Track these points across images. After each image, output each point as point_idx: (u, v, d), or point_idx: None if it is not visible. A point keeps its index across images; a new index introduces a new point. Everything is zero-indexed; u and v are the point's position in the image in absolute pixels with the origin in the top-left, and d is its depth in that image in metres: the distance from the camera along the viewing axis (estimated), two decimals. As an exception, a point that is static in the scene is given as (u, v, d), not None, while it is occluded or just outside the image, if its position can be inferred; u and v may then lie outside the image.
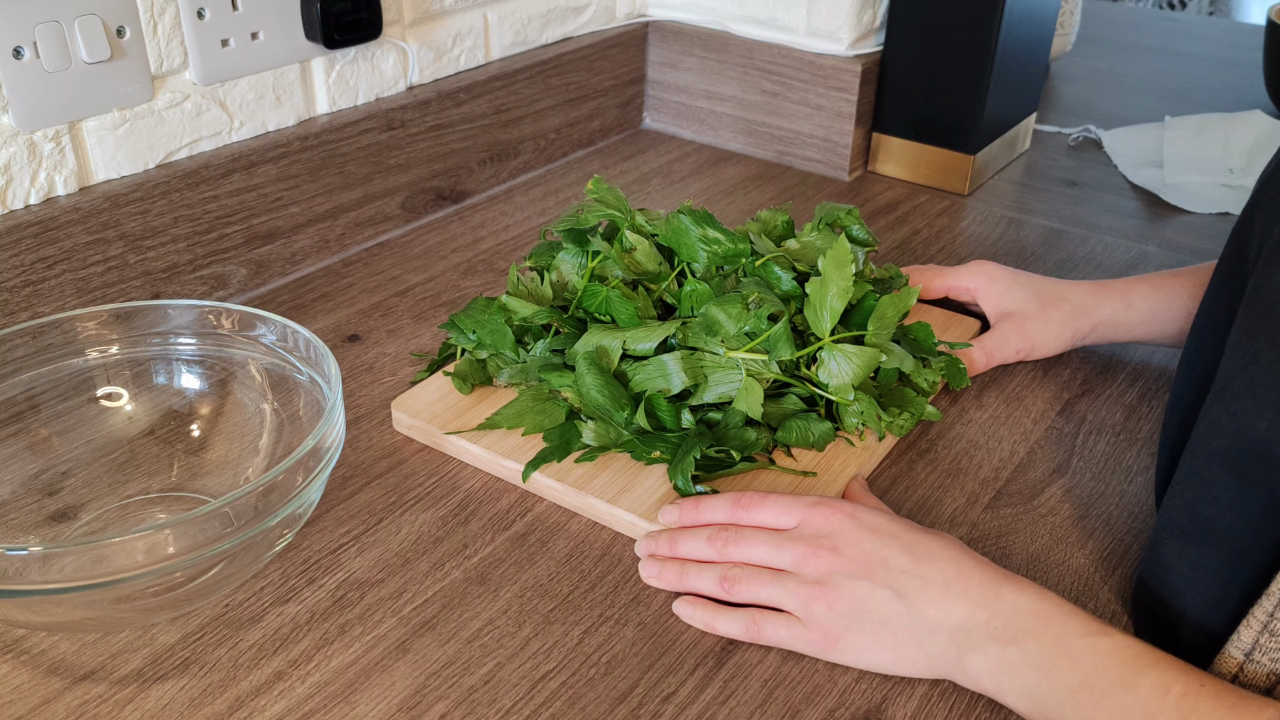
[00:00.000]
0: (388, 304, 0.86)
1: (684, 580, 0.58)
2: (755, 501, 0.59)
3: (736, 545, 0.58)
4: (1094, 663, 0.48)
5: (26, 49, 0.69)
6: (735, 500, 0.59)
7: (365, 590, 0.59)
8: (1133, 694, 0.47)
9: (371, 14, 0.87)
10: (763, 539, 0.57)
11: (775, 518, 0.58)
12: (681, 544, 0.59)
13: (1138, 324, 0.76)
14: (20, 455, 0.62)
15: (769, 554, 0.57)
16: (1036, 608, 0.51)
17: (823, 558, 0.55)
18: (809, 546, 0.55)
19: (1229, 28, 1.71)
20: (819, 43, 1.09)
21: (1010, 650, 0.50)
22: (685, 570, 0.58)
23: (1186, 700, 0.46)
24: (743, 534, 0.58)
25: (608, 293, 0.71)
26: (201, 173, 0.80)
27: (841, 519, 0.56)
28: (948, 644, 0.52)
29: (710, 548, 0.58)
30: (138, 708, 0.52)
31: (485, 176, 1.04)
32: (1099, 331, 0.77)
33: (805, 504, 0.58)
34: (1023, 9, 1.03)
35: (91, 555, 0.50)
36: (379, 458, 0.69)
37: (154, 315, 0.65)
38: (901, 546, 0.54)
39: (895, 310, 0.69)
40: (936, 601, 0.52)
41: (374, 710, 0.52)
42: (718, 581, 0.57)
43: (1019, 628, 0.50)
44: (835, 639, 0.54)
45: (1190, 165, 1.13)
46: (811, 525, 0.57)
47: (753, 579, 0.56)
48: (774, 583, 0.56)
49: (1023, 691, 0.50)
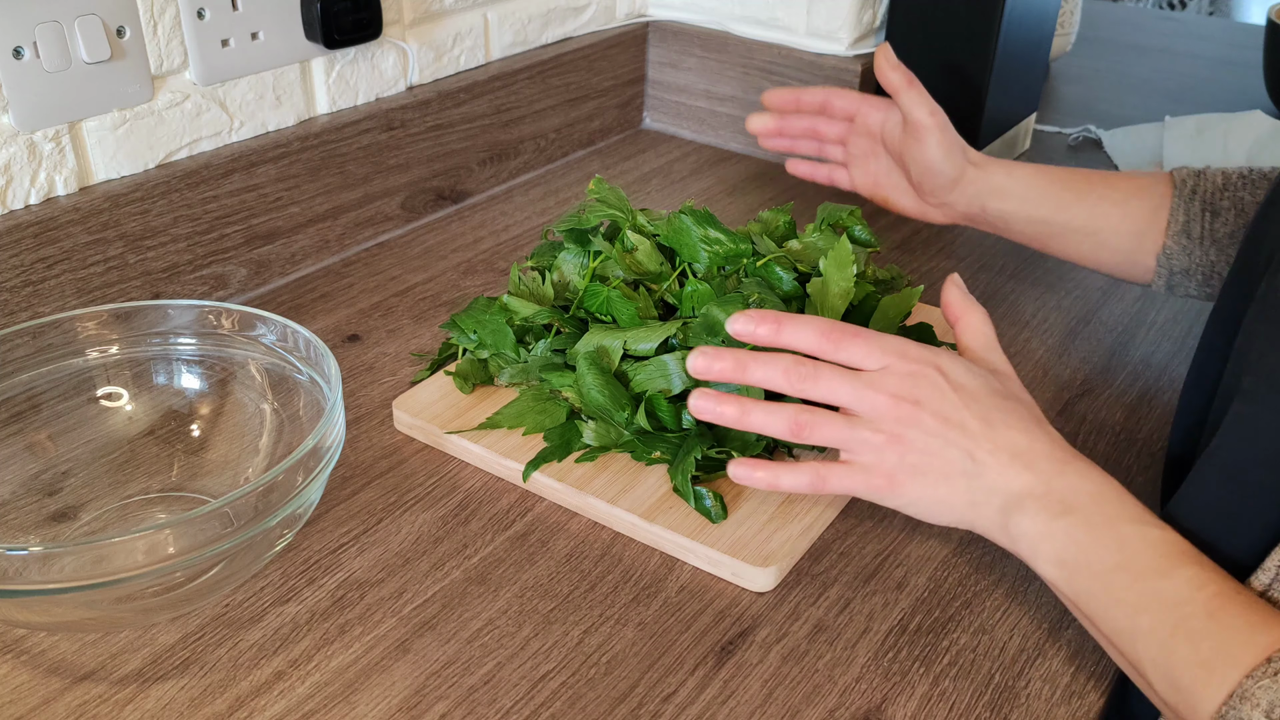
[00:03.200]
0: (388, 304, 0.86)
1: (748, 418, 0.54)
2: (845, 336, 0.55)
3: (816, 382, 0.54)
4: (1137, 548, 0.48)
5: (26, 49, 0.69)
6: (824, 331, 0.54)
7: (365, 590, 0.59)
8: (1167, 581, 0.47)
9: (371, 14, 0.87)
10: (846, 379, 0.54)
11: (862, 358, 0.54)
12: (754, 370, 0.54)
13: (1012, 193, 0.78)
14: (20, 455, 0.62)
15: (851, 398, 0.54)
16: (1097, 490, 0.51)
17: (903, 409, 0.53)
18: (891, 398, 0.53)
19: (1229, 28, 1.71)
20: (819, 43, 1.09)
21: (1058, 523, 0.50)
22: (749, 410, 0.55)
23: (1218, 599, 0.46)
24: (824, 372, 0.54)
25: (609, 293, 0.71)
26: (201, 173, 0.80)
27: (929, 371, 0.54)
28: (1001, 506, 0.52)
29: (786, 380, 0.54)
30: (138, 708, 0.52)
31: (485, 176, 1.04)
32: (979, 184, 0.78)
33: (895, 349, 0.55)
34: (1023, 9, 1.03)
35: (91, 555, 0.50)
36: (379, 458, 0.69)
37: (154, 315, 0.65)
38: (980, 410, 0.53)
39: (897, 311, 0.69)
40: (1002, 468, 0.52)
41: (374, 710, 0.52)
42: (789, 424, 0.54)
43: (1074, 503, 0.51)
44: (898, 485, 0.54)
45: (1190, 165, 1.12)
46: (896, 374, 0.54)
47: (828, 423, 0.54)
48: (850, 429, 0.54)
49: (1057, 561, 0.50)
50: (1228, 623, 0.45)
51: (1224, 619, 0.45)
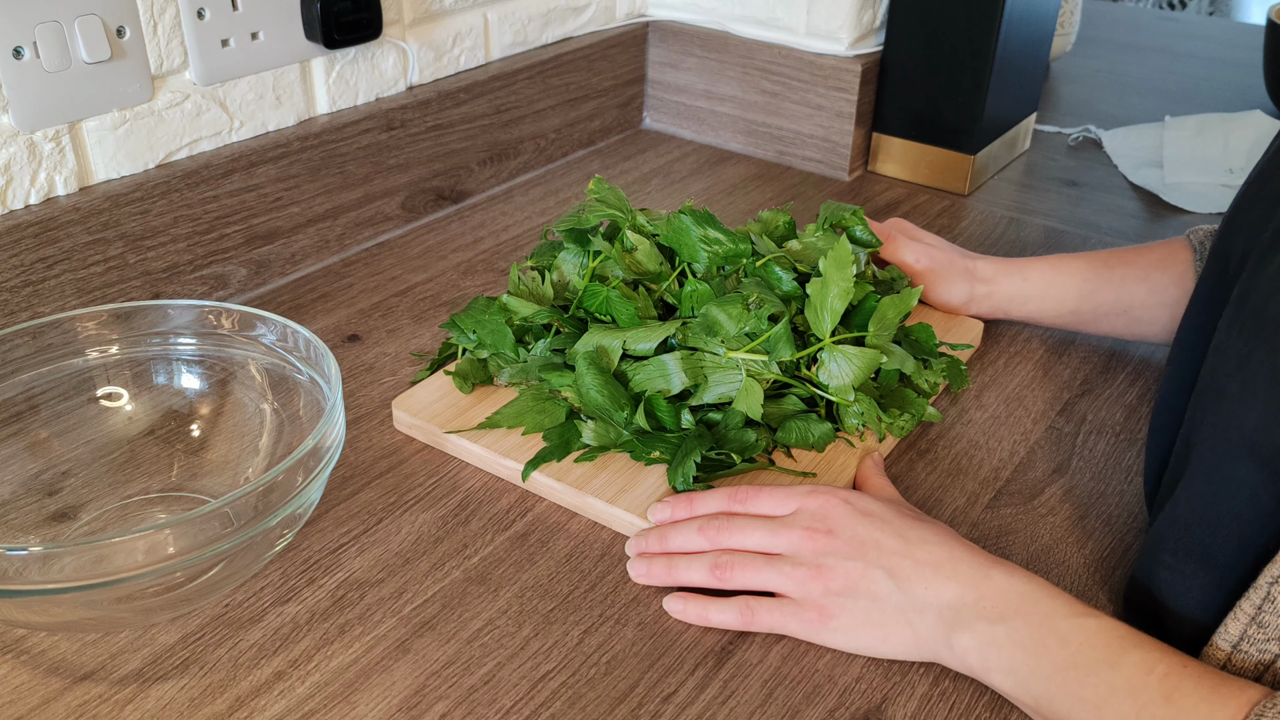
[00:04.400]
0: (388, 304, 0.86)
1: (673, 573, 0.58)
2: (751, 494, 0.59)
3: (729, 533, 0.58)
4: (1080, 642, 0.49)
5: (26, 49, 0.69)
6: (731, 494, 0.60)
7: (365, 590, 0.59)
8: (1117, 672, 0.47)
9: (371, 14, 0.87)
10: (757, 525, 0.58)
11: (771, 507, 0.59)
12: (672, 538, 0.59)
13: (1031, 297, 0.80)
14: (20, 455, 0.62)
15: (764, 539, 0.57)
16: (1025, 590, 0.51)
17: (818, 540, 0.56)
18: (804, 530, 0.56)
19: (1229, 28, 1.71)
20: (819, 43, 1.09)
21: (998, 629, 0.51)
22: (674, 563, 0.58)
23: (1170, 679, 0.46)
24: (735, 522, 0.58)
25: (608, 293, 0.71)
26: (201, 173, 0.80)
27: (836, 504, 0.57)
28: (936, 623, 0.53)
29: (702, 537, 0.58)
30: (138, 708, 0.52)
31: (485, 176, 1.04)
32: (995, 299, 0.80)
33: (800, 492, 0.58)
34: (1023, 9, 1.03)
35: (91, 555, 0.50)
36: (379, 458, 0.69)
37: (154, 315, 0.65)
38: (893, 530, 0.55)
39: (896, 311, 0.69)
40: (927, 581, 0.53)
41: (374, 710, 0.52)
42: (709, 569, 0.57)
43: (1007, 607, 0.51)
44: (829, 617, 0.55)
45: (1190, 165, 1.13)
46: (806, 511, 0.57)
47: (746, 564, 0.57)
48: (768, 566, 0.56)
49: (1008, 670, 0.50)
50: (1185, 704, 0.45)
51: (1181, 701, 0.46)
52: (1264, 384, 0.47)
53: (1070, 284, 0.78)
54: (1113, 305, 0.77)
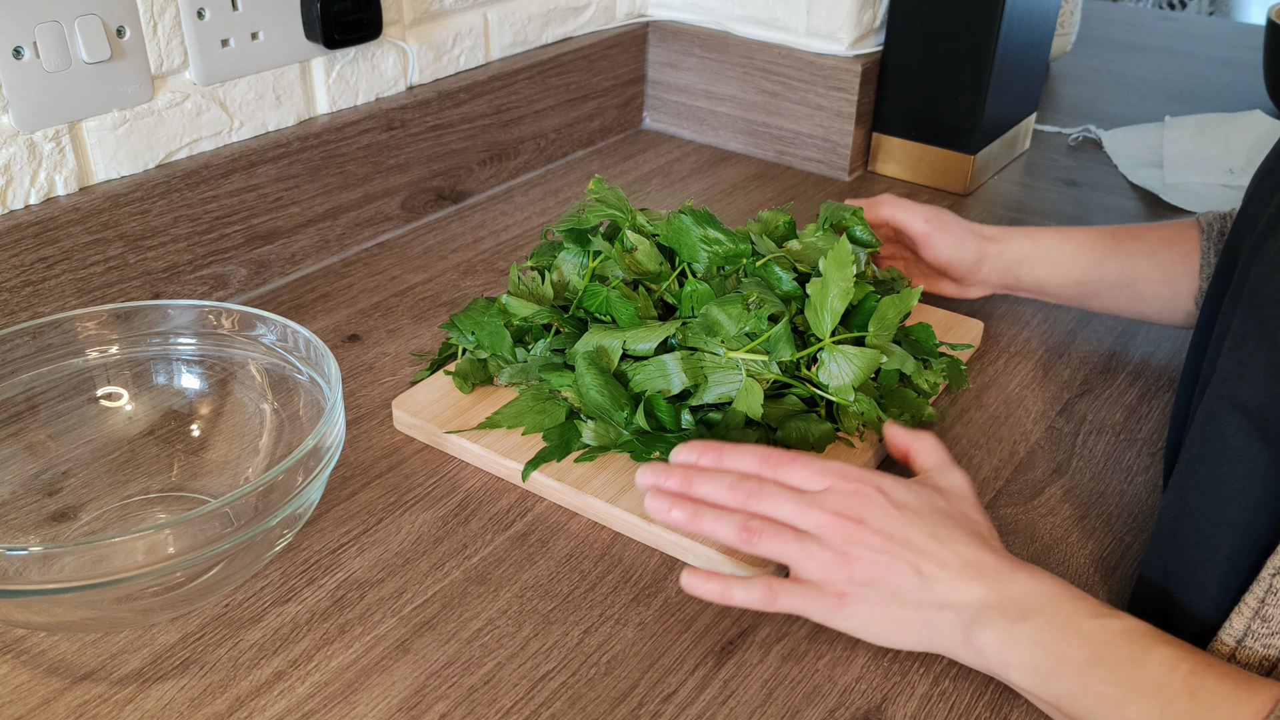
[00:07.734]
0: (388, 304, 0.86)
1: (698, 522, 0.56)
2: (785, 461, 0.57)
3: (760, 499, 0.56)
4: (1103, 640, 0.49)
5: (26, 49, 0.69)
6: (764, 455, 0.58)
7: (365, 590, 0.59)
8: (1141, 669, 0.47)
9: (371, 14, 0.87)
10: (789, 497, 0.56)
11: (804, 479, 0.57)
12: (700, 484, 0.57)
13: (1040, 260, 0.79)
14: (20, 455, 0.62)
15: (795, 514, 0.55)
16: (1049, 590, 0.51)
17: (848, 528, 0.54)
18: (835, 515, 0.54)
19: (1229, 28, 1.71)
20: (819, 43, 1.09)
21: (1020, 628, 0.50)
22: (701, 513, 0.56)
23: (1194, 676, 0.46)
24: (768, 488, 0.56)
25: (608, 293, 0.71)
26: (201, 173, 0.80)
27: (870, 491, 0.55)
28: (955, 620, 0.52)
29: (731, 495, 0.56)
30: (138, 708, 0.52)
31: (485, 176, 1.04)
32: (1005, 259, 0.80)
33: (835, 471, 0.56)
34: (1023, 9, 1.03)
35: (91, 555, 0.50)
36: (379, 458, 0.69)
37: (154, 315, 0.65)
38: (924, 526, 0.54)
39: (896, 311, 0.69)
40: (951, 581, 0.52)
41: (374, 710, 0.52)
42: (739, 530, 0.55)
43: (1030, 607, 0.51)
44: (849, 603, 0.54)
45: (1190, 165, 1.13)
46: (839, 492, 0.55)
47: (775, 534, 0.55)
48: (796, 542, 0.54)
49: (1029, 668, 0.50)
50: (1209, 701, 0.46)
51: (1205, 698, 0.46)
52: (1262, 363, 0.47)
53: (1079, 253, 0.78)
54: (1118, 278, 0.77)
